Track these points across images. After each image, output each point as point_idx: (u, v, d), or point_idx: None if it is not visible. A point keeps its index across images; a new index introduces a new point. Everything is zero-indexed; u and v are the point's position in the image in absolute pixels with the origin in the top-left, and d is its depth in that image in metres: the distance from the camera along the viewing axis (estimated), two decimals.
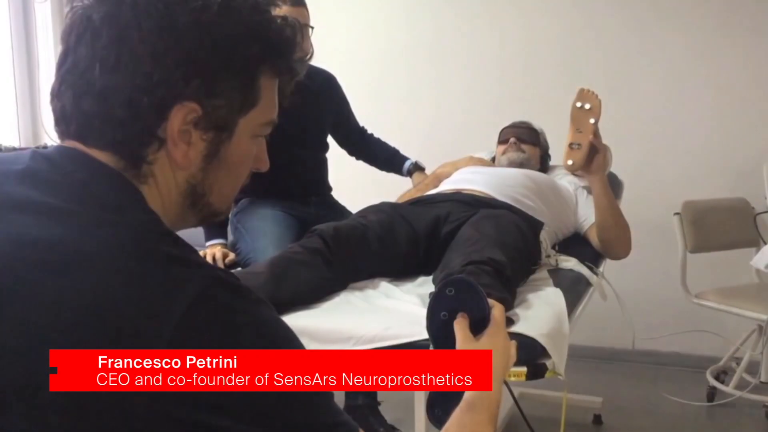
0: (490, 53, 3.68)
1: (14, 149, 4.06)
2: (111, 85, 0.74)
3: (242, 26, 0.78)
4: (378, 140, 2.90)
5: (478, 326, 1.08)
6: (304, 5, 2.48)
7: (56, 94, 0.78)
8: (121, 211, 0.73)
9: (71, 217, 0.70)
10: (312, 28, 2.51)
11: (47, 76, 4.39)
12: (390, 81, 3.83)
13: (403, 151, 2.90)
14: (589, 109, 2.21)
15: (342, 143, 2.87)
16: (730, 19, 3.32)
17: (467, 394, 0.98)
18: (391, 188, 2.65)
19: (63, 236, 0.68)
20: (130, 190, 0.76)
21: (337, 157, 2.83)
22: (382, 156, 2.88)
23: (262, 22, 0.80)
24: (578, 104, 2.23)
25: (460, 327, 1.08)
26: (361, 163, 2.92)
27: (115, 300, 0.64)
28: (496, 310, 1.12)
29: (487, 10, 3.69)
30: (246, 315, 0.70)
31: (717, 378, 3.09)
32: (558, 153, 2.78)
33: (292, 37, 0.83)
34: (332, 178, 2.82)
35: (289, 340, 0.73)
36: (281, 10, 2.42)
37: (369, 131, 2.90)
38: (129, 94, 0.74)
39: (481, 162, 2.70)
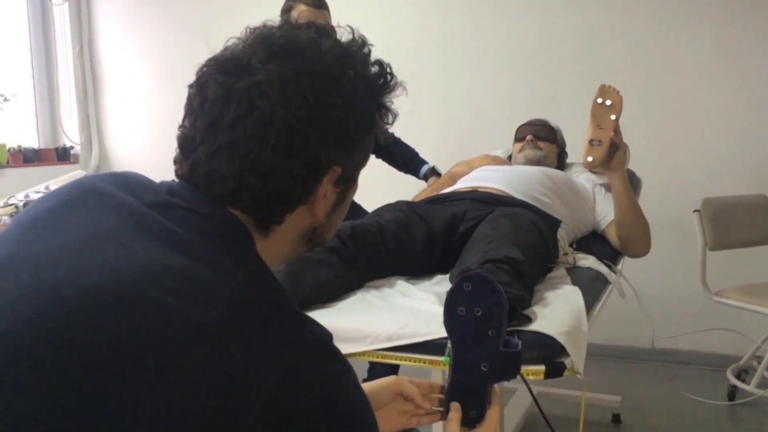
0: (502, 50, 3.66)
1: (34, 150, 4.10)
2: (281, 165, 0.79)
3: (370, 90, 0.87)
4: (398, 140, 2.89)
5: (492, 321, 1.07)
6: (326, 8, 2.47)
7: (205, 158, 0.80)
8: (241, 258, 0.77)
9: (197, 255, 0.73)
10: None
11: (66, 77, 4.43)
12: (401, 80, 3.81)
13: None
14: (611, 105, 2.19)
15: None
16: (752, 16, 3.28)
17: None
18: (407, 187, 2.64)
19: (192, 270, 0.71)
20: (246, 239, 0.81)
21: None
22: (401, 157, 2.87)
23: (375, 80, 0.90)
24: (599, 100, 2.20)
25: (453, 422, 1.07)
26: (376, 161, 2.92)
27: (235, 343, 0.68)
28: (493, 410, 1.09)
29: (499, 5, 3.66)
30: (340, 381, 0.75)
31: (738, 377, 3.06)
32: (573, 151, 2.77)
33: (389, 77, 0.92)
34: None
35: (365, 411, 0.78)
36: (302, 11, 2.43)
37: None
38: (295, 171, 0.80)
39: (496, 160, 2.69)
